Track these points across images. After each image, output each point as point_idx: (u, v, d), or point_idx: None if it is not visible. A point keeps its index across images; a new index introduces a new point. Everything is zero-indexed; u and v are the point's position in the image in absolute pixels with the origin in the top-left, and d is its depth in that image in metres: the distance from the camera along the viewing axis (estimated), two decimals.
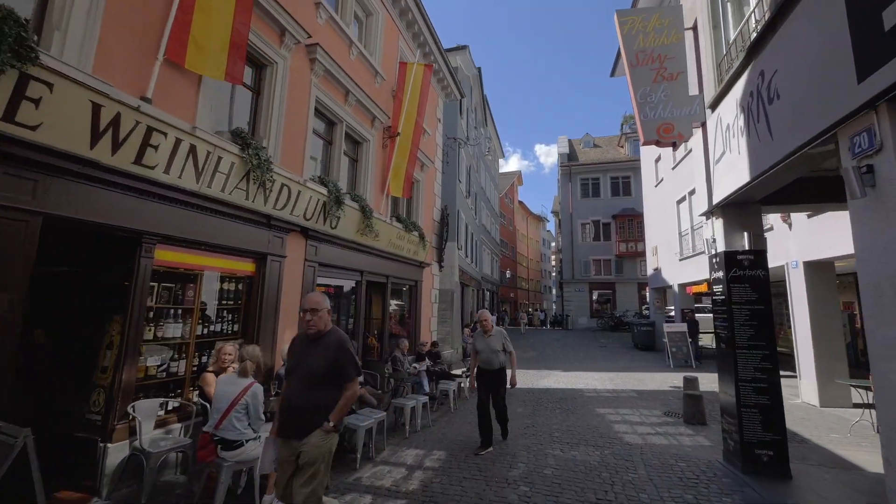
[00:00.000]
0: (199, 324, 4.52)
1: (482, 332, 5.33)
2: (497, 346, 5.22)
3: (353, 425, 4.62)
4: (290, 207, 5.38)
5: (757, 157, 3.89)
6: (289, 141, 5.59)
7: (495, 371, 5.23)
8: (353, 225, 6.86)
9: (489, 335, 5.27)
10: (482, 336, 5.32)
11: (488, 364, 5.23)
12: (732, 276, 4.74)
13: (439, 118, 11.83)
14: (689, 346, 12.68)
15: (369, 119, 7.83)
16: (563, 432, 6.11)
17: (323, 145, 6.91)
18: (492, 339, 5.26)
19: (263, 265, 5.12)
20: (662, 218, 16.38)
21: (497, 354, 5.20)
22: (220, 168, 4.30)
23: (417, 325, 9.98)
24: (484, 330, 5.31)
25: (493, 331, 5.28)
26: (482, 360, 5.28)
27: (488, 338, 5.27)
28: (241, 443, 3.18)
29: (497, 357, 5.21)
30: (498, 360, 5.22)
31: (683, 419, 6.72)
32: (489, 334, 5.27)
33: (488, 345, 5.22)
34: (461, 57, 17.20)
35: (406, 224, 8.84)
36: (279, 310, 5.29)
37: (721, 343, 4.96)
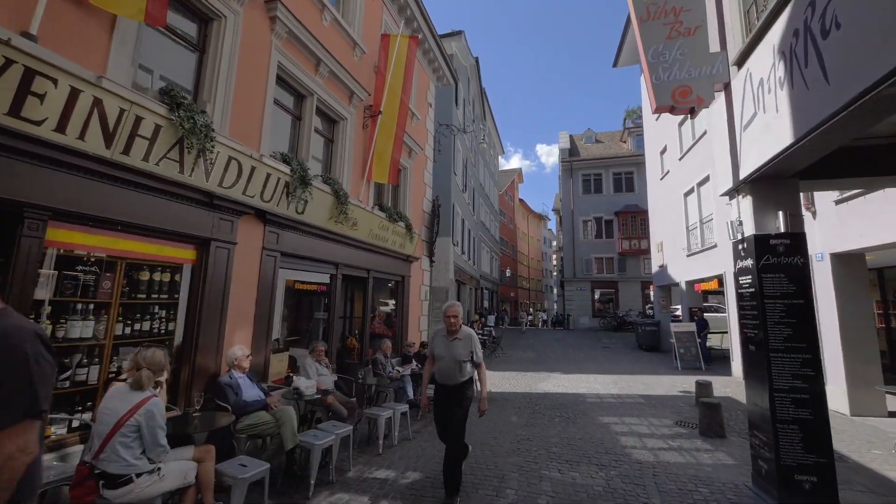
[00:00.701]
0: (119, 322, 3.73)
1: (445, 333, 3.97)
2: (463, 353, 3.84)
3: (306, 444, 3.83)
4: (241, 186, 4.59)
5: (804, 112, 3.09)
6: (241, 109, 4.80)
7: (457, 387, 3.87)
8: (324, 211, 6.07)
9: (454, 338, 3.90)
10: (444, 338, 3.95)
11: (448, 377, 3.88)
12: (764, 264, 3.94)
13: (430, 103, 11.04)
14: (698, 346, 11.88)
15: (346, 95, 7.04)
16: (563, 446, 5.31)
17: (291, 121, 6.13)
18: (457, 344, 3.87)
19: (206, 252, 4.34)
20: (668, 212, 15.56)
21: (461, 366, 3.85)
22: (140, 131, 3.52)
23: (405, 325, 9.18)
24: (448, 330, 3.94)
25: (460, 333, 3.92)
26: (440, 372, 3.93)
27: (452, 341, 3.89)
28: (128, 478, 2.40)
29: (461, 369, 3.86)
30: (462, 373, 3.86)
31: (699, 430, 5.92)
32: (455, 336, 3.90)
33: (451, 351, 3.86)
34: (456, 43, 16.41)
35: (390, 213, 8.04)
36: (227, 306, 4.51)
37: (749, 345, 4.16)
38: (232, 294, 4.60)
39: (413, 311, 9.65)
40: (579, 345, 17.96)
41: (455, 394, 3.89)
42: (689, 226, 13.80)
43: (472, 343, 3.93)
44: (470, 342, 3.92)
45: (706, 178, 12.23)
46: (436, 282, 13.34)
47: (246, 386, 4.13)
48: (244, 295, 4.81)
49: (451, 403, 3.87)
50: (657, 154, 16.96)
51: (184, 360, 4.16)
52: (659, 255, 16.73)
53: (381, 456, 4.88)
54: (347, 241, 6.86)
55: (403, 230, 8.65)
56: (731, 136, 4.32)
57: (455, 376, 3.87)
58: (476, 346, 3.94)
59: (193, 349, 4.15)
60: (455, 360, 3.85)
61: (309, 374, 5.25)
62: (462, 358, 3.84)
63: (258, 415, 3.93)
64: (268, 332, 5.11)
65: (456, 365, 3.85)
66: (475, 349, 3.93)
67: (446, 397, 3.93)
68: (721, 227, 11.22)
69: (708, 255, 12.10)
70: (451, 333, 3.92)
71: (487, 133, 27.61)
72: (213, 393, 4.00)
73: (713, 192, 11.77)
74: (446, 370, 3.89)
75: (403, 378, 7.09)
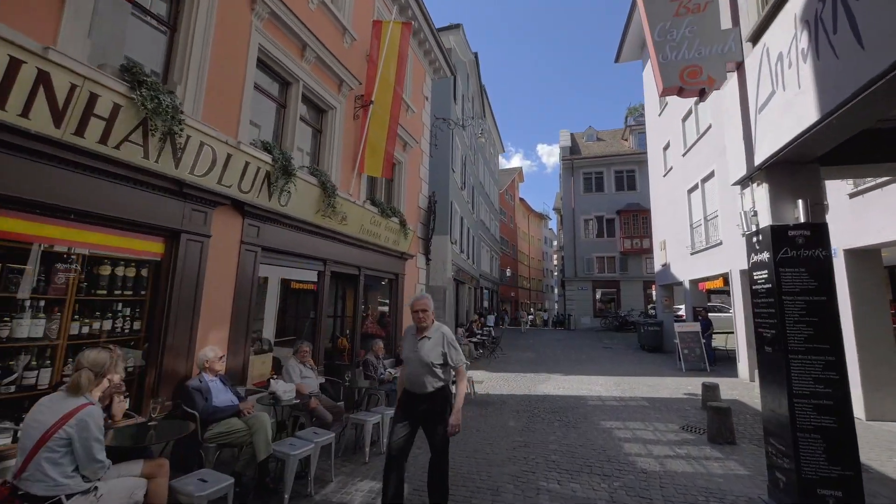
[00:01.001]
0: (76, 320, 3.41)
1: (413, 330, 3.37)
2: (432, 355, 3.17)
3: (281, 454, 3.49)
4: (216, 174, 4.26)
5: (833, 84, 2.75)
6: (216, 93, 4.48)
7: (427, 397, 3.18)
8: (311, 204, 5.74)
9: (423, 336, 3.26)
10: (412, 336, 3.35)
11: (416, 384, 3.22)
12: (782, 257, 3.60)
13: (426, 96, 10.70)
14: (703, 347, 11.52)
15: (335, 83, 6.71)
16: (563, 454, 4.97)
17: (276, 109, 5.80)
18: (426, 343, 3.22)
19: (176, 245, 4.01)
20: (671, 209, 15.22)
21: (431, 370, 3.17)
22: (96, 110, 3.19)
23: (399, 324, 8.85)
24: (417, 327, 3.32)
25: (430, 329, 3.28)
26: (408, 377, 3.31)
27: (420, 340, 3.24)
28: (57, 500, 2.06)
29: (431, 374, 3.17)
30: (433, 378, 3.18)
31: (707, 436, 5.57)
32: (423, 335, 3.26)
33: (418, 352, 3.21)
34: (455, 38, 16.07)
35: (383, 208, 7.71)
36: (200, 303, 4.18)
37: (765, 346, 3.81)
38: (206, 291, 4.27)
39: (408, 311, 9.29)
40: (580, 345, 17.62)
41: (425, 406, 3.19)
42: (693, 223, 13.45)
43: (446, 342, 3.24)
44: (442, 341, 3.23)
45: (711, 174, 11.88)
46: (433, 281, 13.02)
47: (217, 390, 3.81)
48: (220, 292, 4.48)
49: (421, 417, 3.20)
50: (660, 150, 16.60)
51: (150, 362, 3.83)
52: (662, 253, 16.38)
53: (367, 465, 4.55)
54: (336, 237, 6.53)
55: (397, 226, 8.32)
56: (745, 119, 3.98)
57: (424, 383, 3.19)
58: (451, 345, 3.25)
59: (161, 350, 3.82)
60: (423, 364, 3.17)
61: (291, 377, 4.93)
62: (431, 360, 3.16)
63: (229, 422, 3.60)
64: (247, 332, 4.78)
65: (424, 369, 3.18)
66: (449, 350, 3.23)
67: (412, 408, 3.23)
68: (726, 223, 10.87)
69: (713, 253, 11.76)
70: (420, 331, 3.30)
71: (487, 131, 27.27)
72: (181, 398, 3.68)
73: (718, 187, 11.44)
74: (413, 375, 3.25)
75: (396, 380, 6.76)
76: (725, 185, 10.95)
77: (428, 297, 3.41)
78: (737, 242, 10.15)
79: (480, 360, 13.74)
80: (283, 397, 4.02)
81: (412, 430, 3.22)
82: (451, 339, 3.29)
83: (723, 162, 11.05)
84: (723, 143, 11.16)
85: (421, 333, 3.30)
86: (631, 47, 18.94)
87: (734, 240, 10.32)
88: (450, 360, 3.24)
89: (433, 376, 3.20)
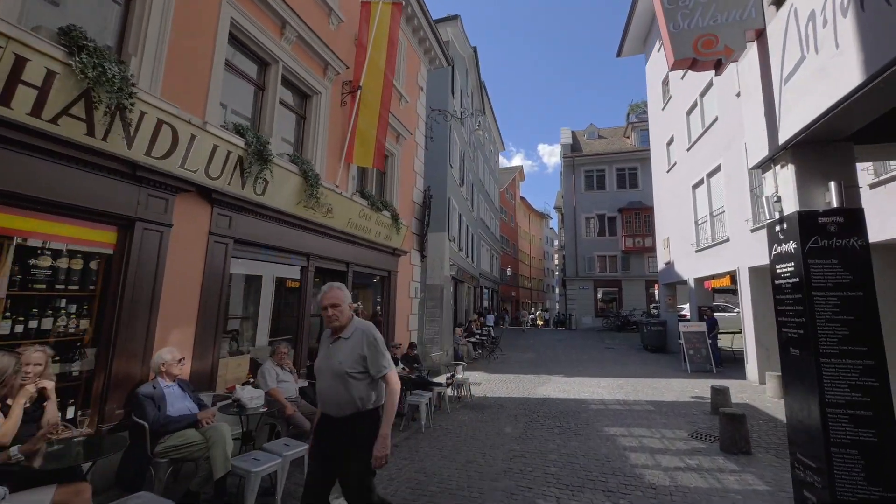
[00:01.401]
0: (7, 318, 2.99)
1: (328, 334, 2.60)
2: (349, 362, 2.40)
3: (241, 470, 3.07)
4: (177, 157, 3.84)
5: (882, 38, 2.32)
6: (179, 68, 4.05)
7: (346, 421, 2.39)
8: (291, 194, 5.33)
9: (337, 338, 2.50)
10: (326, 340, 2.59)
11: (330, 403, 2.44)
12: (812, 247, 3.17)
13: (421, 86, 10.28)
14: (709, 347, 11.09)
15: (320, 66, 6.29)
16: (563, 465, 4.55)
17: (254, 92, 5.38)
18: (342, 346, 2.45)
19: (130, 235, 3.59)
20: (675, 206, 14.77)
21: (347, 384, 2.38)
22: (24, 76, 2.77)
23: (391, 324, 8.43)
24: (332, 328, 2.54)
25: (348, 330, 2.48)
26: (319, 394, 2.54)
27: (335, 342, 2.50)
28: None
29: (347, 389, 2.38)
30: (350, 395, 2.38)
31: (720, 445, 5.14)
32: (337, 336, 2.50)
33: (330, 358, 2.47)
34: (452, 29, 15.63)
35: (373, 201, 7.29)
36: (158, 300, 3.76)
37: (790, 347, 3.38)
38: (167, 286, 3.85)
39: (401, 310, 8.89)
40: (582, 345, 17.19)
41: (342, 432, 2.38)
42: (698, 220, 13.02)
43: (366, 345, 2.42)
44: (362, 344, 2.42)
45: (717, 168, 11.44)
46: (430, 279, 12.60)
47: (174, 397, 3.39)
48: (184, 288, 4.06)
49: (339, 444, 2.39)
50: (663, 145, 16.17)
51: (99, 365, 3.41)
52: (665, 251, 15.94)
53: None
54: (321, 230, 6.11)
55: (389, 220, 7.90)
56: (767, 93, 3.55)
57: (339, 401, 2.38)
58: (373, 348, 2.43)
59: (111, 352, 3.41)
60: (336, 374, 2.38)
61: (266, 381, 4.51)
62: (347, 369, 2.37)
63: (184, 434, 3.18)
64: (217, 332, 4.36)
65: (337, 382, 2.38)
66: (371, 354, 2.41)
67: (328, 438, 2.44)
68: (734, 219, 10.44)
69: (719, 251, 11.32)
70: (334, 333, 2.53)
71: (487, 128, 26.84)
72: (131, 406, 3.26)
73: (725, 182, 11.00)
74: (325, 391, 2.45)
75: None
76: (733, 180, 10.51)
77: (340, 287, 2.55)
78: (744, 239, 9.72)
79: (479, 360, 13.34)
80: (248, 405, 3.59)
81: (326, 462, 2.41)
82: (373, 340, 2.46)
83: (729, 156, 10.62)
84: (729, 136, 10.73)
85: (335, 336, 2.52)
86: (633, 41, 18.52)
87: (742, 236, 9.89)
88: (373, 368, 2.40)
89: (352, 392, 2.37)
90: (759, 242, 8.96)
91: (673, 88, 15.09)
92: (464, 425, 6.19)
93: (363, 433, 2.37)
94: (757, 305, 9.43)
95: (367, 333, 2.47)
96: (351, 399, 2.38)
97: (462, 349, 13.09)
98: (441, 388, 7.15)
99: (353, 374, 2.38)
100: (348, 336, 2.47)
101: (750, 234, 9.42)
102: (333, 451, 2.41)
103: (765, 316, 9.38)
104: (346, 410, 2.38)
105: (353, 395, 2.38)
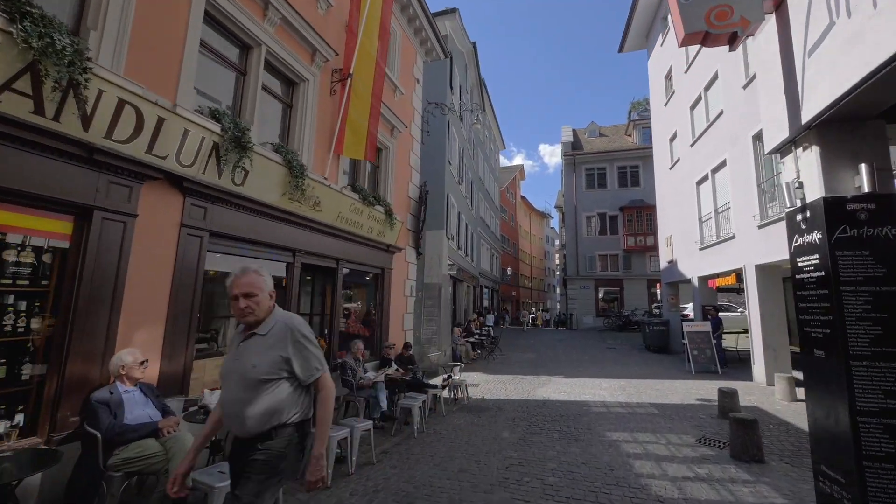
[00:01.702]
0: None
1: (241, 330, 2.06)
2: (263, 364, 1.88)
3: (202, 485, 2.76)
4: (143, 142, 3.53)
5: None
6: (146, 45, 3.73)
7: (250, 441, 1.87)
8: (274, 185, 5.02)
9: (249, 335, 1.98)
10: (237, 338, 2.05)
11: (235, 418, 1.90)
12: (840, 237, 2.85)
13: (417, 78, 9.96)
14: (714, 348, 10.76)
15: (307, 52, 5.97)
16: (562, 474, 4.23)
17: (236, 78, 5.07)
18: (256, 343, 1.94)
19: (87, 225, 3.27)
20: (678, 203, 14.44)
21: (260, 393, 1.86)
22: None
23: (385, 323, 8.11)
24: (246, 323, 1.99)
25: (265, 325, 1.97)
26: (223, 406, 1.99)
27: (248, 340, 1.96)
28: None
29: (260, 399, 1.85)
30: (262, 407, 1.85)
31: (730, 452, 4.82)
32: (253, 332, 1.97)
33: (239, 361, 1.93)
34: (450, 23, 15.31)
35: (365, 195, 6.97)
36: (121, 297, 3.44)
37: (815, 349, 3.06)
38: (131, 281, 3.53)
39: (395, 308, 8.58)
40: (583, 345, 16.87)
41: (245, 456, 1.86)
42: (702, 217, 12.68)
43: (292, 344, 1.92)
44: (285, 342, 1.91)
45: (722, 163, 11.11)
46: (428, 278, 12.30)
47: (134, 403, 3.08)
48: (152, 283, 3.75)
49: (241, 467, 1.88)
50: (666, 142, 15.83)
51: (52, 369, 3.10)
52: (668, 249, 15.60)
53: (328, 490, 3.81)
54: (309, 224, 5.80)
55: (382, 216, 7.58)
56: (788, 69, 3.23)
57: (245, 416, 1.84)
58: (303, 348, 1.93)
59: (65, 354, 3.09)
60: (244, 382, 1.86)
61: None
62: (262, 376, 1.85)
63: (142, 444, 2.86)
64: (189, 332, 4.04)
65: (246, 391, 1.85)
66: (297, 353, 1.92)
67: (236, 459, 1.93)
68: (739, 215, 10.10)
69: (724, 248, 10.99)
70: (248, 328, 1.98)
71: (487, 125, 26.52)
72: (85, 413, 2.95)
73: (731, 177, 10.66)
74: (230, 402, 1.91)
75: (376, 385, 6.03)
76: (738, 175, 10.18)
77: (259, 271, 2.00)
78: (751, 235, 9.39)
79: (478, 361, 13.03)
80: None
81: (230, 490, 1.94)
82: (301, 335, 1.94)
83: (735, 150, 10.29)
84: (735, 130, 10.39)
85: (247, 332, 1.97)
86: (635, 36, 18.19)
87: (748, 233, 9.56)
88: (298, 371, 1.90)
89: (264, 404, 1.83)
90: (768, 239, 8.63)
91: (676, 83, 14.76)
92: (459, 429, 5.88)
93: (270, 457, 1.82)
94: (764, 304, 9.10)
95: (292, 328, 1.94)
96: (260, 413, 1.82)
97: (461, 349, 12.78)
98: (436, 390, 6.84)
99: (268, 381, 1.86)
100: (266, 332, 1.93)
101: (757, 231, 9.09)
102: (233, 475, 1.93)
103: (772, 315, 9.06)
104: (251, 428, 1.83)
105: (264, 408, 1.83)
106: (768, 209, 8.93)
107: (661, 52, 16.18)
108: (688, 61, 13.37)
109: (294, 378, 1.93)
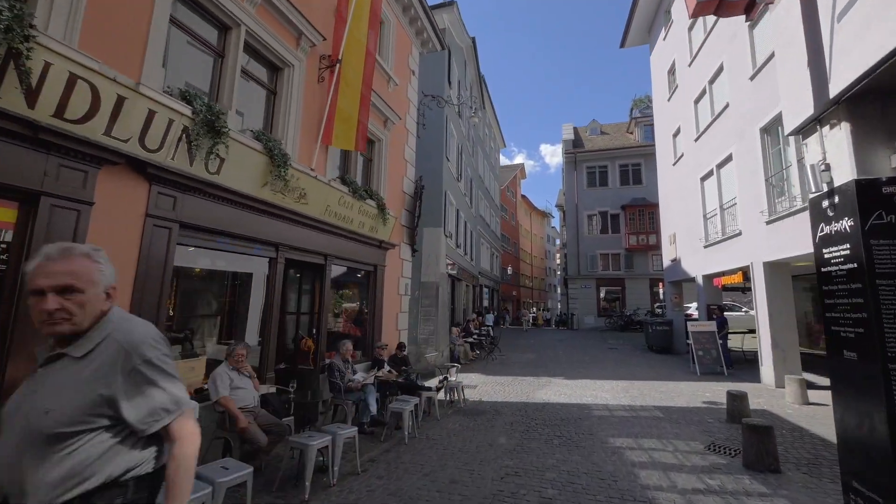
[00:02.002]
0: None
1: (47, 348, 1.28)
2: (70, 409, 1.12)
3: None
4: (100, 122, 3.21)
5: None
6: (105, 17, 3.41)
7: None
8: (254, 174, 4.70)
9: (62, 354, 1.21)
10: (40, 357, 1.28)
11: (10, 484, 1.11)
12: (875, 224, 2.52)
13: (413, 70, 9.64)
14: (719, 348, 10.42)
15: (292, 35, 5.65)
16: (562, 486, 3.90)
17: (214, 60, 4.75)
18: (64, 372, 1.18)
19: (34, 213, 2.95)
20: (682, 200, 14.09)
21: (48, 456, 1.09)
22: None
23: (377, 322, 7.79)
24: (54, 335, 1.21)
25: (84, 342, 1.20)
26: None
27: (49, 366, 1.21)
28: None
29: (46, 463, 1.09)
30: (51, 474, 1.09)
31: (743, 461, 4.48)
32: (62, 351, 1.20)
33: (28, 399, 1.16)
34: (448, 16, 14.99)
35: (355, 188, 6.65)
36: None
37: (844, 349, 2.73)
38: None
39: (389, 307, 8.25)
40: (584, 346, 16.53)
41: None
42: (706, 213, 12.33)
43: (120, 374, 1.18)
44: (114, 371, 1.18)
45: (728, 158, 10.76)
46: (425, 276, 11.99)
47: None
48: None
49: None
50: (669, 138, 15.49)
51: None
52: (671, 247, 15.25)
53: (306, 503, 3.49)
54: (293, 218, 5.48)
55: (374, 210, 7.26)
56: (813, 38, 2.90)
57: (24, 484, 1.09)
58: (138, 380, 1.20)
59: (4, 355, 2.77)
60: (27, 434, 1.12)
61: (217, 388, 3.90)
62: (56, 427, 1.11)
63: None
64: None
65: (28, 449, 1.11)
66: (129, 393, 1.18)
67: None
68: (746, 211, 9.76)
69: (730, 245, 10.64)
70: (58, 345, 1.24)
71: (487, 123, 26.19)
72: None
73: (737, 172, 10.32)
74: (6, 466, 1.11)
75: (366, 388, 5.71)
76: (745, 169, 9.83)
77: (87, 254, 1.27)
78: (759, 232, 9.04)
79: (476, 361, 12.71)
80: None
81: None
82: (143, 360, 1.21)
83: (742, 145, 9.94)
84: (742, 123, 10.04)
85: (58, 349, 1.23)
86: (637, 30, 17.86)
87: (756, 229, 9.21)
88: (126, 413, 1.17)
89: (61, 468, 1.10)
90: (776, 235, 8.29)
91: (679, 77, 14.41)
92: (453, 434, 5.57)
93: None
94: (772, 303, 8.75)
95: (129, 348, 1.21)
96: (49, 482, 1.09)
97: (459, 350, 12.46)
98: (431, 392, 6.52)
99: (70, 436, 1.12)
100: (82, 354, 1.20)
101: (765, 227, 8.74)
102: None
103: (781, 314, 8.71)
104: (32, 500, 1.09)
105: (60, 473, 1.10)
106: (777, 204, 8.59)
107: (664, 46, 15.84)
108: (691, 54, 13.03)
109: (120, 426, 1.18)
